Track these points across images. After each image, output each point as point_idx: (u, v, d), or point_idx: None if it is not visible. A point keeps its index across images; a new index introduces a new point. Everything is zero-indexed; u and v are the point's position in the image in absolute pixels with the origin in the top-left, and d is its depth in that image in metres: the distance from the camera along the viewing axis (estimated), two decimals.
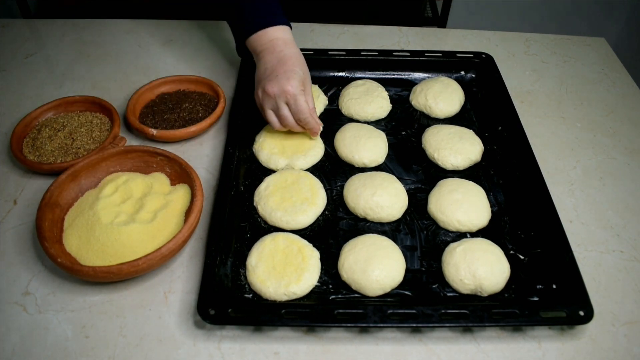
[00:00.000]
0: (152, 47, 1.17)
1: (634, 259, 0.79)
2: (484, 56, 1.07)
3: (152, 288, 0.73)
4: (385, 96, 1.00)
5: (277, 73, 0.81)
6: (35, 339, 0.68)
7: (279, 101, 0.82)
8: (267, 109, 0.84)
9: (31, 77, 1.08)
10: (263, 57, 0.84)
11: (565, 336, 0.69)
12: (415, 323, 0.66)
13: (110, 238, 0.72)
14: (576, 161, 0.94)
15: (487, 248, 0.74)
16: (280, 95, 0.81)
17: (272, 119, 0.85)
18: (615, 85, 1.11)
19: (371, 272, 0.71)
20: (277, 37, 0.85)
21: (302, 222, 0.79)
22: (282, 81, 0.80)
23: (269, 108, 0.84)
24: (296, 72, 0.82)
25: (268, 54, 0.84)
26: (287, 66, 0.82)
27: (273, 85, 0.81)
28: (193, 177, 0.79)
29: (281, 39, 0.85)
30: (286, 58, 0.83)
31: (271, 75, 0.82)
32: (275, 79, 0.81)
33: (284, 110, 0.83)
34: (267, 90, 0.81)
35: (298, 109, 0.82)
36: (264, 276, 0.71)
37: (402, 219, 0.82)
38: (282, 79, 0.80)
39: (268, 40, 0.84)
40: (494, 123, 0.96)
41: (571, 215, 0.85)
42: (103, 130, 0.91)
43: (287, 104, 0.82)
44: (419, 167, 0.90)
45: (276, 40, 0.84)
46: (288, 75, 0.81)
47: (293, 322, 0.66)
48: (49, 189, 0.76)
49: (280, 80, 0.80)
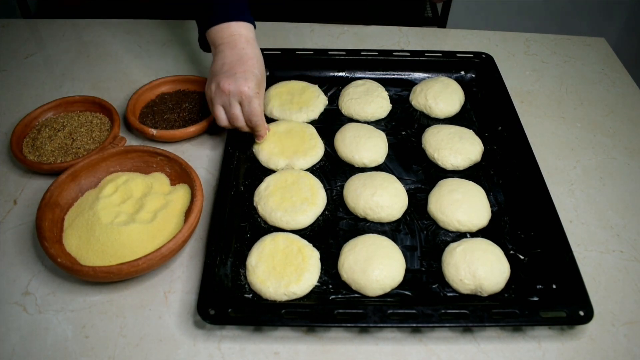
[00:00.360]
0: (152, 47, 1.17)
1: (634, 259, 0.79)
2: (484, 56, 1.07)
3: (152, 288, 0.73)
4: (385, 96, 1.00)
5: (235, 71, 0.80)
6: (35, 339, 0.68)
7: (232, 99, 0.81)
8: (217, 104, 0.83)
9: (31, 77, 1.08)
10: (222, 50, 0.83)
11: (565, 336, 0.69)
12: (415, 323, 0.66)
13: (110, 238, 0.72)
14: (576, 161, 0.94)
15: (487, 248, 0.74)
16: (235, 95, 0.80)
17: (220, 115, 0.84)
18: (615, 85, 1.11)
19: (371, 272, 0.71)
20: (240, 33, 0.83)
21: (302, 222, 0.79)
22: (239, 80, 0.79)
23: (219, 104, 0.82)
24: (254, 74, 0.81)
25: (228, 49, 0.82)
26: (246, 66, 0.81)
27: (230, 83, 0.79)
28: (193, 177, 0.79)
29: (244, 36, 0.83)
30: (247, 57, 0.82)
31: (229, 72, 0.80)
32: (233, 77, 0.80)
33: (235, 110, 0.82)
34: (223, 86, 0.80)
35: (251, 111, 0.81)
36: (264, 276, 0.71)
37: (402, 219, 0.82)
38: (240, 79, 0.79)
39: (230, 34, 0.83)
40: (494, 123, 0.96)
41: (571, 215, 0.85)
42: (103, 130, 0.91)
43: (240, 104, 0.82)
44: (419, 167, 0.90)
45: (238, 36, 0.83)
46: (246, 75, 0.80)
47: (293, 322, 0.66)
48: (49, 189, 0.76)
49: (238, 80, 0.79)
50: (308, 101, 0.98)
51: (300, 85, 1.01)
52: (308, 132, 0.92)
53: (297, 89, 1.00)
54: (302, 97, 0.99)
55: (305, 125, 0.94)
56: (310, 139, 0.91)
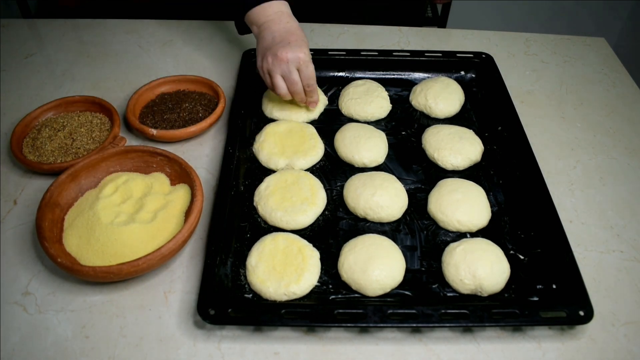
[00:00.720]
0: (152, 47, 1.17)
1: (634, 259, 0.79)
2: (484, 56, 1.07)
3: (152, 288, 0.73)
4: (385, 96, 1.00)
5: (289, 40, 0.86)
6: (35, 339, 0.68)
7: (290, 66, 0.86)
8: (277, 74, 0.87)
9: (31, 77, 1.08)
10: (269, 27, 0.88)
11: (565, 336, 0.69)
12: (415, 323, 0.66)
13: (110, 238, 0.72)
14: (576, 161, 0.94)
15: (487, 248, 0.74)
16: (294, 61, 0.85)
17: (281, 84, 0.88)
18: (615, 85, 1.11)
19: (371, 272, 0.71)
20: (281, 11, 0.89)
21: (302, 222, 0.79)
22: (295, 48, 0.85)
23: (280, 73, 0.87)
24: (306, 42, 0.88)
25: (274, 24, 0.88)
26: (297, 35, 0.87)
27: (287, 51, 0.85)
28: (193, 177, 0.79)
29: (285, 12, 0.89)
30: (293, 29, 0.88)
31: (282, 42, 0.86)
32: (288, 46, 0.85)
33: (294, 75, 0.87)
34: (280, 55, 0.85)
35: (309, 75, 0.88)
36: (264, 276, 0.71)
37: (402, 219, 0.82)
38: (295, 46, 0.85)
39: (273, 12, 0.88)
40: (494, 123, 0.96)
41: (571, 215, 0.85)
42: (103, 130, 0.91)
43: (297, 70, 0.87)
44: (419, 167, 0.90)
45: (280, 13, 0.89)
46: (299, 43, 0.86)
47: (293, 322, 0.66)
48: (49, 189, 0.76)
49: (294, 47, 0.85)
50: None
51: None
52: (308, 132, 0.92)
53: None
54: None
55: (305, 125, 0.94)
56: (310, 139, 0.91)
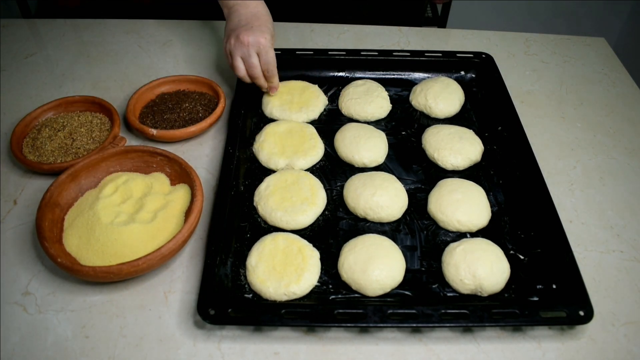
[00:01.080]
0: (152, 47, 1.17)
1: (634, 259, 0.79)
2: (484, 56, 1.07)
3: (152, 288, 0.73)
4: (385, 96, 1.00)
5: (252, 25, 0.89)
6: (35, 339, 0.68)
7: (250, 50, 0.89)
8: (237, 56, 0.90)
9: (31, 77, 1.08)
10: (237, 10, 0.92)
11: (565, 336, 0.69)
12: (415, 323, 0.66)
13: (110, 238, 0.72)
14: (576, 161, 0.94)
15: (487, 248, 0.74)
16: (254, 45, 0.88)
17: (240, 66, 0.91)
18: (615, 85, 1.11)
19: (371, 272, 0.71)
20: None
21: (302, 222, 0.79)
22: (257, 33, 0.88)
23: (239, 55, 0.90)
24: (269, 28, 0.90)
25: (242, 7, 0.92)
26: (261, 21, 0.90)
27: (249, 35, 0.88)
28: (193, 177, 0.79)
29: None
30: (260, 14, 0.91)
31: (246, 26, 0.89)
32: (251, 30, 0.88)
33: (253, 59, 0.90)
34: (242, 38, 0.88)
35: (268, 60, 0.90)
36: (264, 276, 0.71)
37: (402, 219, 0.82)
38: (257, 31, 0.88)
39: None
40: (494, 123, 0.96)
41: (571, 215, 0.85)
42: (103, 130, 0.91)
43: (257, 54, 0.89)
44: (419, 167, 0.90)
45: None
46: (262, 29, 0.89)
47: (293, 322, 0.66)
48: (49, 189, 0.76)
49: (255, 32, 0.88)
50: (308, 101, 0.98)
51: (300, 85, 1.01)
52: (308, 132, 0.92)
53: (297, 89, 1.00)
54: (302, 97, 0.99)
55: (305, 125, 0.94)
56: (310, 139, 0.91)
